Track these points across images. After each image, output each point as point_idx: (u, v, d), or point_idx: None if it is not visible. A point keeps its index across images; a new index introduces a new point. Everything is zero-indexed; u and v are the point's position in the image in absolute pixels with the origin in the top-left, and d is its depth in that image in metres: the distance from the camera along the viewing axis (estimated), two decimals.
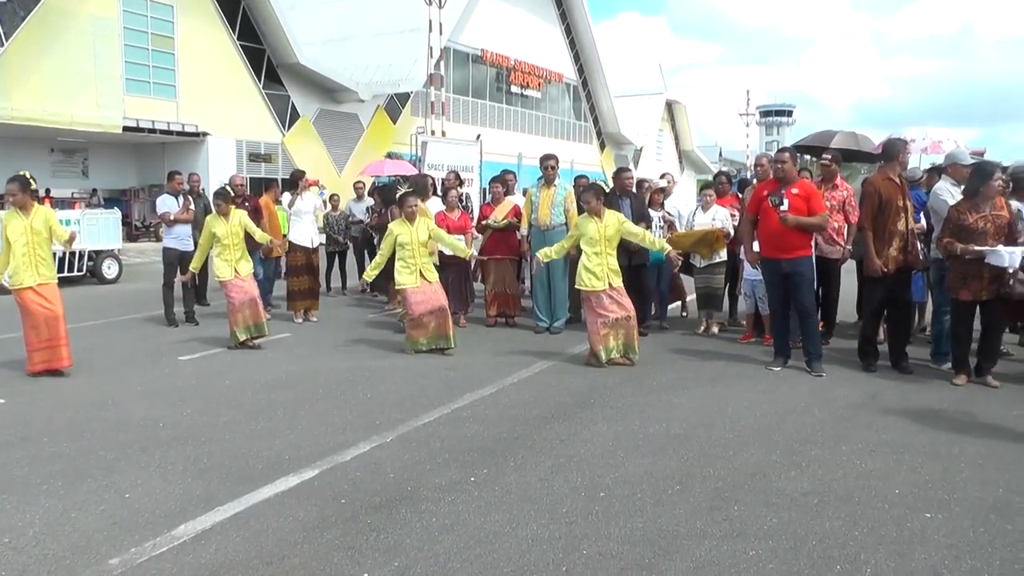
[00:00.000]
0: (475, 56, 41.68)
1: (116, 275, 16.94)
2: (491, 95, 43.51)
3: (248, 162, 30.02)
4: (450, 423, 5.98)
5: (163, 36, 27.33)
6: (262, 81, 30.27)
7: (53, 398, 6.87)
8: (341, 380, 7.44)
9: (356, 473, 4.90)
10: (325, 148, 32.89)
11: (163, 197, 11.08)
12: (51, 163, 29.09)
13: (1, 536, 4.07)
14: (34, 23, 23.21)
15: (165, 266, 10.87)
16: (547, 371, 7.80)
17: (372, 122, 34.99)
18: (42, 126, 24.09)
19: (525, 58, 44.99)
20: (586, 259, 8.03)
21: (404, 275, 8.64)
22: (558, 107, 49.53)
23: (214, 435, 5.74)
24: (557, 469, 4.95)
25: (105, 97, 25.27)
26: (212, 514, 4.29)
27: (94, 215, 17.55)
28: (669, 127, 65.60)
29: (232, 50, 29.21)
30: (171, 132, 27.48)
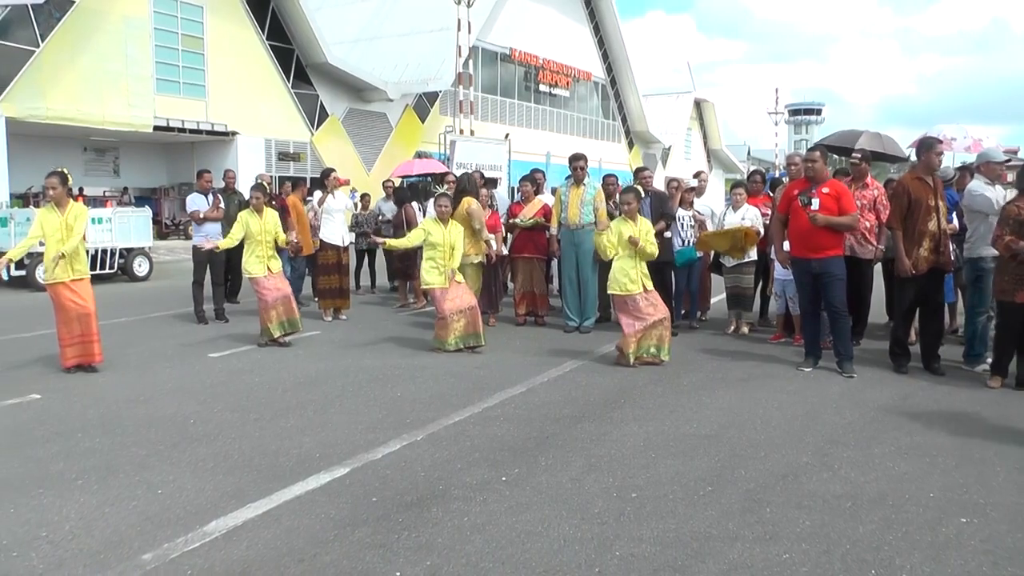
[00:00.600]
0: (503, 55, 41.67)
1: (147, 273, 17.16)
2: (519, 94, 43.48)
3: (277, 161, 30.21)
4: (481, 422, 5.99)
5: (193, 36, 27.58)
6: (291, 81, 30.45)
7: (86, 394, 6.96)
8: (371, 378, 7.48)
9: (387, 471, 4.92)
10: (354, 147, 33.03)
11: (193, 195, 11.18)
12: (84, 162, 29.49)
13: (39, 529, 4.14)
14: (68, 24, 23.52)
15: (195, 264, 10.97)
16: (577, 370, 7.80)
17: (400, 121, 35.08)
18: (75, 125, 24.40)
19: (553, 57, 44.90)
20: (621, 262, 8.02)
21: (432, 275, 8.68)
22: (586, 106, 49.42)
23: (244, 432, 5.79)
24: (588, 469, 4.95)
25: (136, 97, 25.56)
26: (243, 511, 4.32)
27: (125, 213, 17.79)
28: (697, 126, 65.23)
29: (261, 50, 29.41)
30: (200, 131, 27.74)
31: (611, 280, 8.10)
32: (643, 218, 8.32)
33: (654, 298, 8.08)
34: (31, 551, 3.89)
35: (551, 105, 45.97)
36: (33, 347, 9.06)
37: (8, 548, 3.92)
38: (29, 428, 5.94)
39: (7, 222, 15.88)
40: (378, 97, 33.19)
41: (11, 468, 5.05)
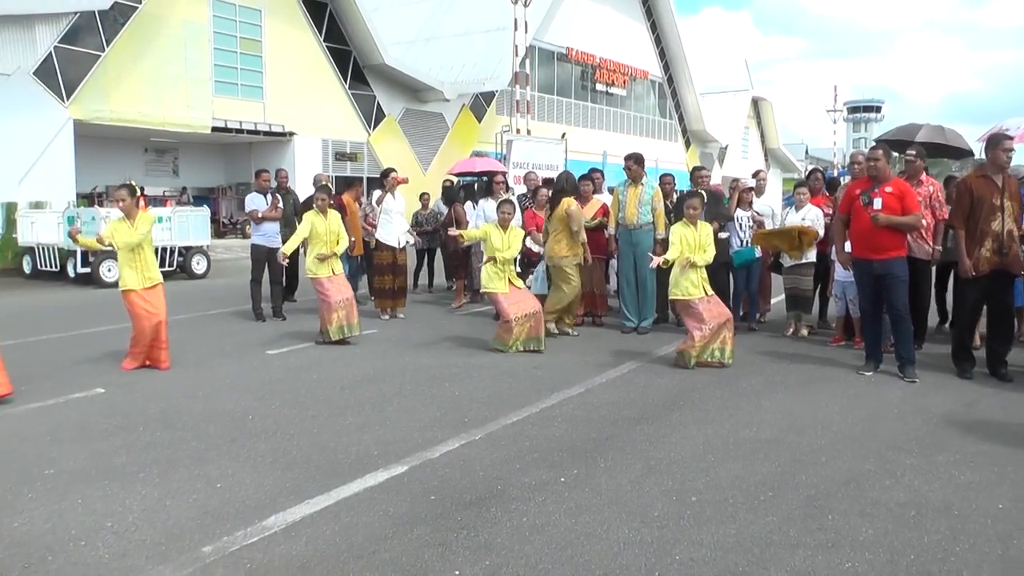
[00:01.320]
0: (560, 54, 41.65)
1: (205, 271, 17.54)
2: (576, 93, 43.41)
3: (334, 161, 30.60)
4: (539, 422, 5.98)
5: (251, 39, 28.07)
6: (348, 81, 30.81)
7: (148, 389, 7.11)
8: (428, 377, 7.52)
9: (445, 470, 4.94)
10: (410, 147, 33.28)
11: (251, 195, 11.35)
12: (144, 162, 30.24)
13: (105, 520, 4.24)
14: (131, 29, 24.16)
15: (253, 262, 11.14)
16: (635, 372, 7.76)
17: (457, 121, 35.26)
18: (136, 127, 25.05)
19: (610, 56, 44.76)
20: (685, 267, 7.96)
21: (495, 281, 8.76)
22: (643, 105, 49.15)
23: (303, 428, 5.85)
24: (647, 472, 4.91)
25: (195, 99, 26.12)
26: (302, 506, 4.36)
27: (184, 212, 18.19)
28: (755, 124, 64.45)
29: (318, 52, 29.81)
30: (258, 132, 28.22)
31: (673, 284, 8.06)
32: (704, 223, 8.25)
33: (715, 302, 8.03)
34: (97, 540, 3.99)
35: (608, 104, 45.81)
36: (97, 342, 9.29)
37: (77, 537, 4.02)
38: (94, 421, 6.09)
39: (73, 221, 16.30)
40: (435, 97, 33.40)
41: (79, 460, 5.18)
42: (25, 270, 17.81)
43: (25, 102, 21.55)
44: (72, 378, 7.50)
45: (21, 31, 21.76)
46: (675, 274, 8.03)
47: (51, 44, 22.36)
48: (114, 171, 27.57)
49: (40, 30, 22.13)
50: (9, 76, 21.40)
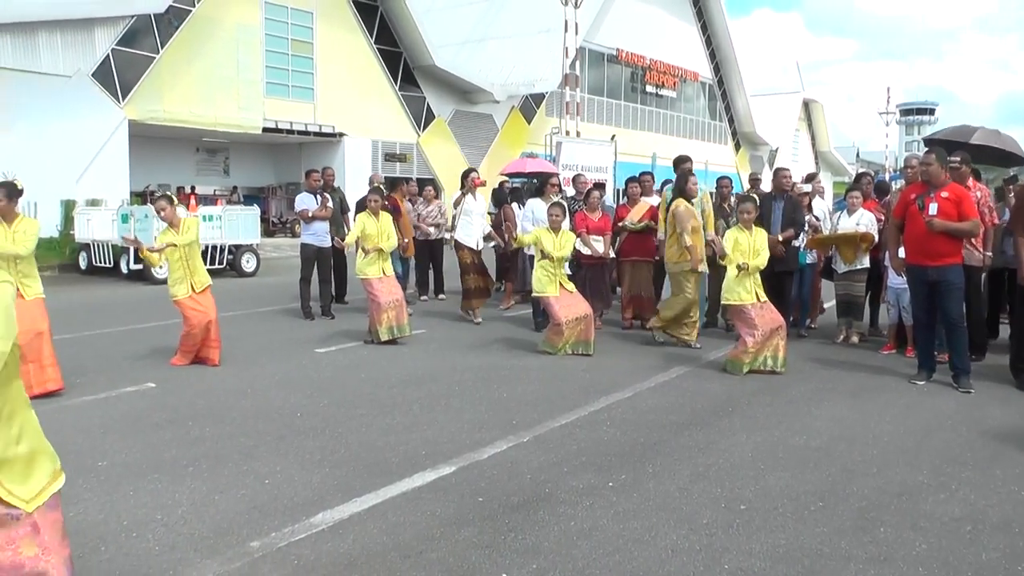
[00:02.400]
0: (610, 56, 41.53)
1: (254, 269, 17.76)
2: (626, 95, 43.25)
3: (384, 162, 30.82)
4: (587, 425, 5.97)
5: (302, 41, 28.42)
6: (398, 83, 31.03)
7: (197, 384, 7.22)
8: (477, 378, 7.54)
9: (493, 471, 4.94)
10: (459, 148, 33.41)
11: (301, 195, 11.46)
12: (196, 162, 30.77)
13: (155, 512, 4.31)
14: (185, 32, 24.65)
15: (302, 261, 11.24)
16: (684, 376, 7.71)
17: (506, 123, 35.33)
18: (189, 127, 25.52)
19: (660, 57, 44.49)
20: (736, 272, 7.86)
21: (545, 284, 8.73)
22: (693, 107, 48.80)
23: (351, 427, 5.89)
24: (696, 478, 4.86)
25: (246, 100, 26.54)
26: (349, 504, 4.39)
27: (234, 211, 18.44)
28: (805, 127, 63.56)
29: (369, 53, 30.07)
30: (308, 133, 28.56)
31: (726, 289, 7.98)
32: (759, 228, 8.14)
33: (768, 308, 7.93)
34: (148, 532, 4.05)
35: (657, 106, 45.56)
36: (148, 338, 9.45)
37: (128, 529, 4.10)
38: (145, 415, 6.20)
39: (128, 218, 16.66)
40: (484, 99, 33.51)
41: (130, 453, 5.28)
42: (81, 266, 18.21)
43: (83, 103, 22.09)
44: (124, 372, 7.65)
45: (81, 35, 22.32)
46: (728, 279, 7.94)
47: (109, 47, 22.89)
48: (167, 170, 28.15)
49: (99, 33, 22.68)
50: (69, 78, 21.95)
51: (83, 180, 21.78)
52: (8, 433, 2.36)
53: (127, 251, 16.45)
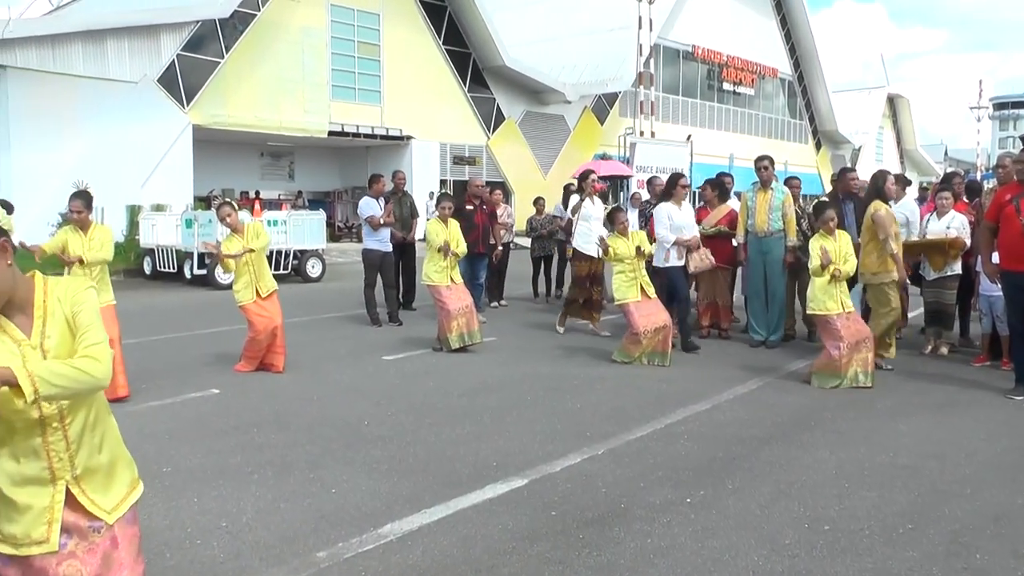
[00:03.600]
0: (686, 53, 41.22)
1: (319, 274, 18.03)
2: (702, 93, 42.90)
3: (452, 165, 31.07)
4: (663, 439, 5.90)
5: (369, 44, 28.86)
6: (467, 84, 31.28)
7: (261, 391, 7.34)
8: (548, 387, 7.52)
9: (566, 485, 4.90)
10: (530, 150, 33.51)
11: (365, 199, 11.57)
12: (260, 166, 31.43)
13: (219, 520, 4.37)
14: (250, 36, 25.31)
15: (366, 267, 11.36)
16: (763, 389, 7.60)
17: (579, 124, 35.32)
18: (253, 131, 26.16)
19: (738, 53, 44.05)
20: (821, 279, 7.67)
21: (625, 289, 8.67)
22: (772, 104, 48.15)
23: (419, 436, 5.91)
24: (777, 496, 4.76)
25: (312, 103, 27.05)
26: (418, 516, 4.39)
27: (300, 216, 18.75)
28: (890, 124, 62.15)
29: (437, 55, 30.37)
30: (375, 136, 28.97)
31: (810, 299, 7.79)
32: (843, 233, 7.94)
33: (854, 319, 7.73)
34: (212, 540, 4.11)
35: (735, 104, 45.09)
36: (212, 343, 9.64)
37: (192, 536, 4.16)
38: (209, 421, 6.32)
39: (192, 223, 17.05)
40: (556, 99, 33.56)
41: (194, 459, 5.38)
42: (145, 271, 18.70)
43: (149, 108, 22.83)
44: (188, 378, 7.81)
45: (147, 41, 23.11)
46: (813, 288, 7.76)
47: (174, 52, 23.62)
48: (231, 175, 28.78)
49: (165, 39, 23.44)
50: (136, 84, 22.70)
51: (148, 185, 22.48)
52: (92, 441, 2.41)
53: (191, 256, 16.85)
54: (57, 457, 2.32)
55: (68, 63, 21.59)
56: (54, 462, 2.32)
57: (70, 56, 21.64)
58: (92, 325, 2.35)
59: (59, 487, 2.34)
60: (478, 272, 11.93)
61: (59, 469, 2.34)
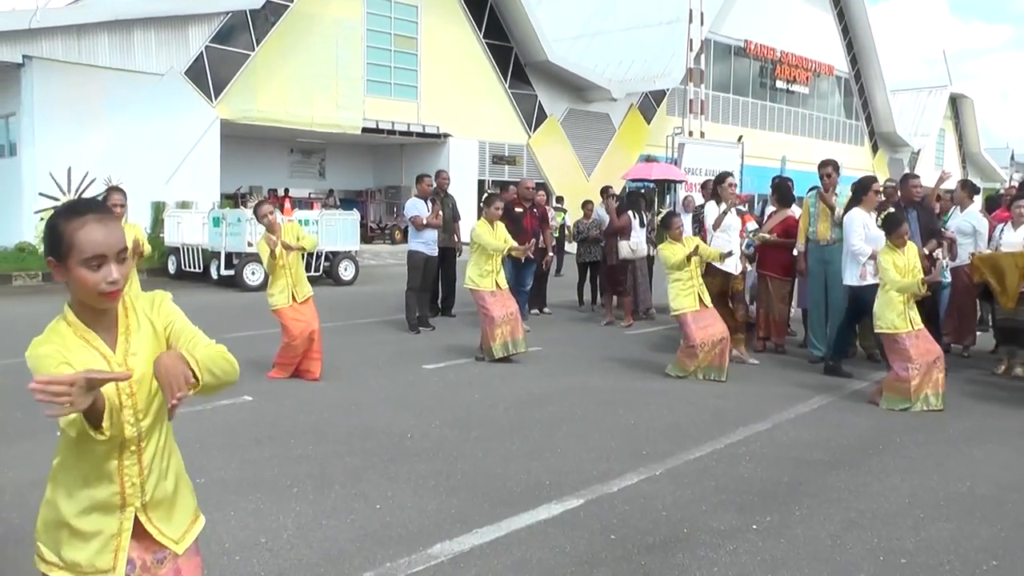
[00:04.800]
0: (737, 48, 40.92)
1: (352, 277, 18.08)
2: (754, 91, 42.55)
3: (491, 164, 31.08)
4: (724, 459, 5.84)
5: (406, 37, 28.94)
6: (508, 80, 31.28)
7: (297, 399, 7.34)
8: (600, 401, 7.48)
9: (624, 507, 4.85)
10: (573, 150, 33.42)
11: (412, 200, 11.64)
12: (290, 163, 31.66)
13: (258, 536, 4.35)
14: (282, 28, 25.46)
15: (410, 270, 11.39)
16: (826, 408, 7.50)
17: (624, 122, 35.16)
18: (283, 127, 26.30)
19: (792, 49, 43.63)
20: (891, 296, 7.52)
21: (682, 298, 8.60)
22: (827, 104, 47.66)
23: (466, 451, 5.89)
24: (849, 525, 4.68)
25: (345, 99, 27.16)
26: (470, 536, 4.36)
27: (332, 216, 18.82)
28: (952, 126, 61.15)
29: (478, 49, 30.40)
30: (411, 133, 29.03)
31: (877, 315, 7.61)
32: (911, 244, 7.80)
33: (924, 337, 7.55)
34: (252, 557, 4.09)
35: (788, 103, 44.69)
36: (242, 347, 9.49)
37: (230, 552, 4.15)
38: (243, 430, 6.33)
39: (219, 221, 17.15)
40: (601, 96, 33.45)
41: (229, 470, 5.38)
42: (170, 270, 18.83)
43: (175, 102, 23.04)
44: None
45: (175, 32, 23.31)
46: (880, 304, 7.60)
47: (202, 44, 23.81)
48: (259, 172, 29.00)
49: (193, 30, 23.63)
50: (162, 76, 22.91)
51: (173, 181, 22.67)
52: (161, 467, 2.39)
53: (217, 256, 16.95)
54: (130, 482, 2.31)
55: (93, 54, 21.85)
56: (126, 487, 2.31)
57: (96, 47, 21.91)
58: (196, 329, 2.38)
59: (127, 514, 2.33)
60: (525, 278, 11.91)
61: (130, 495, 2.32)
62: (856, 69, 48.66)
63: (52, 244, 2.21)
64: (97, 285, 2.19)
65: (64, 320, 2.26)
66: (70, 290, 2.24)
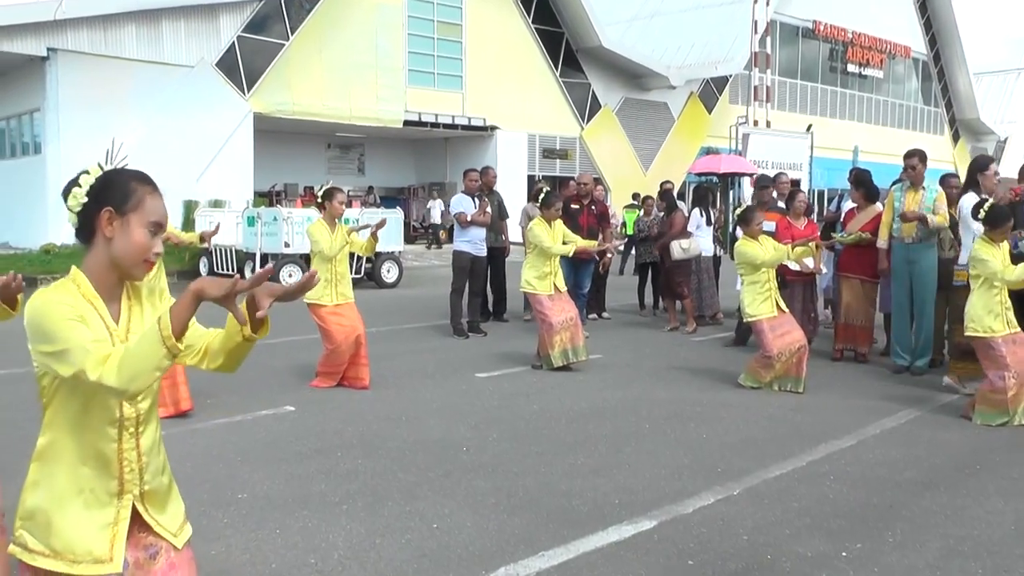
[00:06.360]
0: (805, 30, 40.51)
1: (395, 279, 18.16)
2: (823, 76, 42.12)
3: (541, 159, 31.06)
4: (806, 479, 5.75)
5: (450, 24, 29.05)
6: (559, 68, 31.26)
7: (342, 409, 7.37)
8: (667, 413, 7.43)
9: (701, 529, 4.80)
10: (629, 142, 33.35)
11: (458, 196, 11.67)
12: (327, 159, 31.93)
13: (307, 555, 4.35)
14: (318, 16, 25.71)
15: (455, 271, 11.41)
16: (915, 423, 7.35)
17: (684, 112, 35.01)
18: (320, 120, 26.54)
19: (865, 30, 43.11)
20: (985, 295, 7.35)
21: (758, 303, 8.49)
22: (903, 89, 47.06)
23: (527, 467, 5.87)
24: (948, 553, 4.56)
25: (386, 90, 27.32)
26: (535, 559, 4.33)
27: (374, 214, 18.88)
28: None
29: (527, 35, 30.43)
30: (455, 126, 29.16)
31: (970, 317, 7.42)
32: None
33: (1022, 342, 7.35)
34: None
35: (860, 89, 44.18)
36: (281, 355, 9.71)
37: (277, 572, 4.16)
38: (286, 442, 6.35)
39: (254, 221, 17.29)
40: (658, 84, 33.33)
41: (273, 484, 5.39)
42: (201, 272, 18.99)
43: (206, 95, 23.37)
44: (258, 393, 7.87)
45: (205, 21, 23.67)
46: (973, 304, 7.42)
47: (234, 34, 24.13)
48: (294, 168, 29.22)
49: (224, 19, 23.96)
50: (192, 68, 23.23)
51: (204, 178, 22.99)
52: (158, 460, 2.49)
53: (252, 257, 17.10)
54: (128, 467, 2.38)
55: (120, 46, 22.24)
56: (125, 472, 2.38)
57: (122, 38, 22.29)
58: None
59: (125, 502, 2.39)
60: (583, 280, 11.87)
61: (128, 481, 2.39)
62: (935, 50, 47.90)
63: (118, 195, 2.35)
64: (149, 250, 2.37)
65: (73, 281, 2.34)
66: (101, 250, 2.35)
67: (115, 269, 2.36)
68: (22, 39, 20.90)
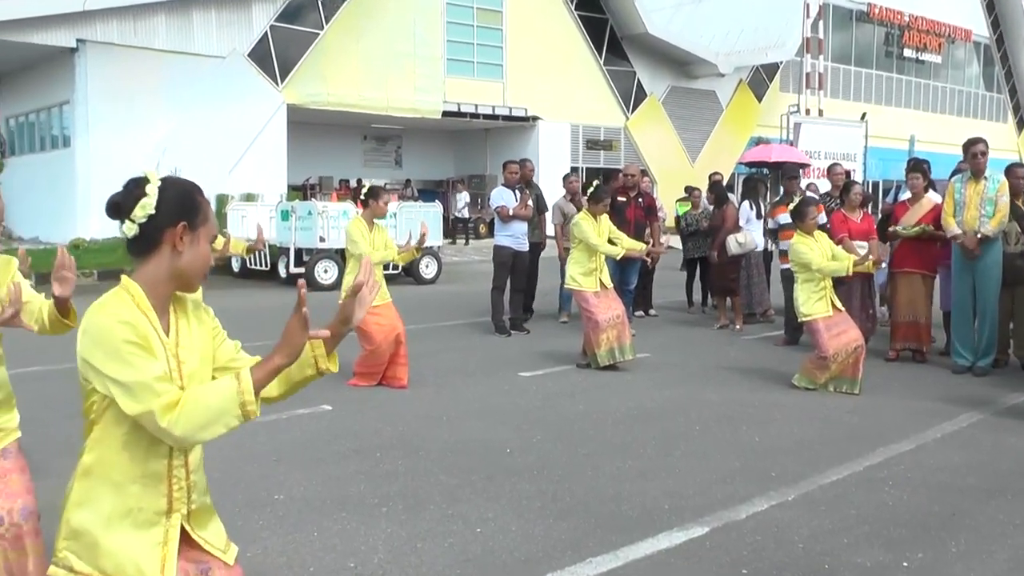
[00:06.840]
0: (859, 13, 40.16)
1: (434, 275, 18.21)
2: (879, 62, 41.72)
3: (585, 150, 31.02)
4: (864, 485, 5.71)
5: (490, 11, 29.08)
6: (603, 56, 31.22)
7: (380, 409, 7.42)
8: (718, 415, 7.41)
9: (755, 536, 4.78)
10: (675, 133, 33.25)
11: (498, 189, 11.68)
12: (363, 151, 32.05)
13: (347, 559, 4.38)
14: (353, 4, 25.83)
15: (496, 266, 11.42)
16: (977, 426, 7.26)
17: (733, 100, 34.87)
18: (356, 111, 26.67)
19: (923, 12, 42.66)
20: None
21: (813, 302, 8.42)
22: (963, 75, 46.46)
23: (573, 469, 5.86)
24: (1017, 566, 4.51)
25: (424, 80, 27.40)
26: (584, 566, 4.33)
27: (412, 208, 18.94)
28: None
29: (569, 22, 30.40)
30: (496, 117, 29.18)
31: None
32: None
33: None
34: None
35: (917, 75, 43.72)
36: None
37: None
38: (323, 442, 6.40)
39: (288, 215, 17.36)
40: (706, 72, 33.21)
41: (310, 486, 5.43)
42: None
43: (238, 86, 23.57)
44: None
45: (237, 11, 23.84)
46: None
47: (267, 23, 24.30)
48: (329, 161, 29.34)
49: (256, 9, 24.13)
50: (224, 59, 23.42)
51: (237, 171, 23.14)
52: (202, 479, 2.54)
53: (286, 253, 17.18)
54: (178, 485, 2.41)
55: (151, 37, 22.46)
56: (174, 491, 2.41)
57: (153, 29, 22.50)
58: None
59: (174, 521, 2.42)
60: (629, 276, 11.87)
61: (177, 500, 2.42)
62: (998, 34, 47.24)
63: (192, 211, 2.42)
64: (210, 261, 2.51)
65: (127, 291, 2.37)
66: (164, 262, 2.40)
67: (174, 281, 2.42)
68: (51, 30, 21.16)
